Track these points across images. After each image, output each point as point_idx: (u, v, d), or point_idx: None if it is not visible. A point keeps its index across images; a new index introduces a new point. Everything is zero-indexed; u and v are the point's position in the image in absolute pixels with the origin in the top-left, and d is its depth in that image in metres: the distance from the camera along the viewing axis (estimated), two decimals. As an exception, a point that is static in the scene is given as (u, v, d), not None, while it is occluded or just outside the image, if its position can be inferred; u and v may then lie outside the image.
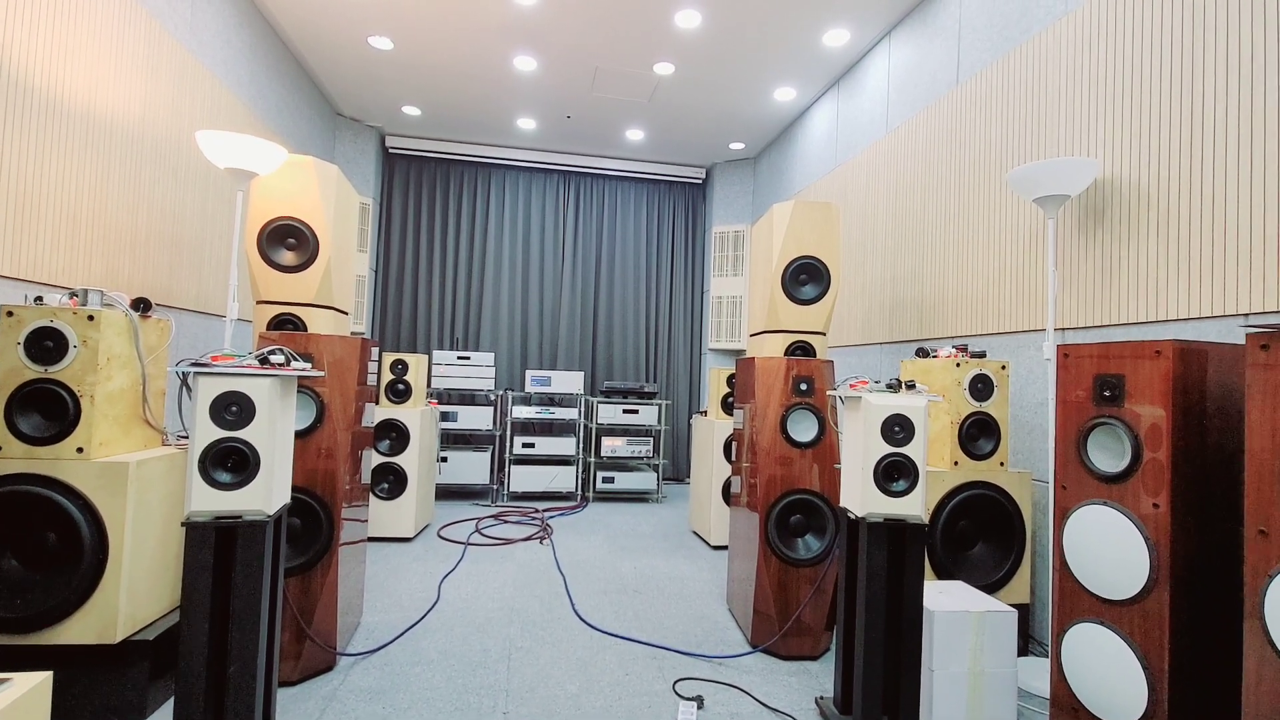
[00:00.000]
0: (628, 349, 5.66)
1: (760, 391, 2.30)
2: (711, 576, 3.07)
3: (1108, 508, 1.52)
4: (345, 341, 2.05)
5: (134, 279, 2.47)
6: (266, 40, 3.57)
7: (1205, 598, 1.45)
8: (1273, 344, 1.19)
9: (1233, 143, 1.76)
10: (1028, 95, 2.48)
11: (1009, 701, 1.80)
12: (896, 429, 1.63)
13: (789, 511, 2.25)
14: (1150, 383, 1.46)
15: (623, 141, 5.21)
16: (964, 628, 1.79)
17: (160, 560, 1.79)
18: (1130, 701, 1.45)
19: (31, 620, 1.57)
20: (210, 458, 1.35)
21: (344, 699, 1.82)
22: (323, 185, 2.08)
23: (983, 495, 2.20)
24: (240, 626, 1.37)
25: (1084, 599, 1.56)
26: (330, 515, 1.96)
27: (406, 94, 4.46)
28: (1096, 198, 2.16)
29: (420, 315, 5.35)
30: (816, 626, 2.20)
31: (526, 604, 2.61)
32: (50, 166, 2.04)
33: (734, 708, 1.85)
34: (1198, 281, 1.83)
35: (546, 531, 3.81)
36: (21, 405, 1.61)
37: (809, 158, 4.44)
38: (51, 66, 2.03)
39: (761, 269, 2.53)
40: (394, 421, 3.50)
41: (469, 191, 5.48)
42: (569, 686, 1.94)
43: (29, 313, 1.62)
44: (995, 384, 2.26)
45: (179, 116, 2.75)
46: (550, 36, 3.62)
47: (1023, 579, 2.23)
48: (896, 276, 3.33)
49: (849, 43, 3.59)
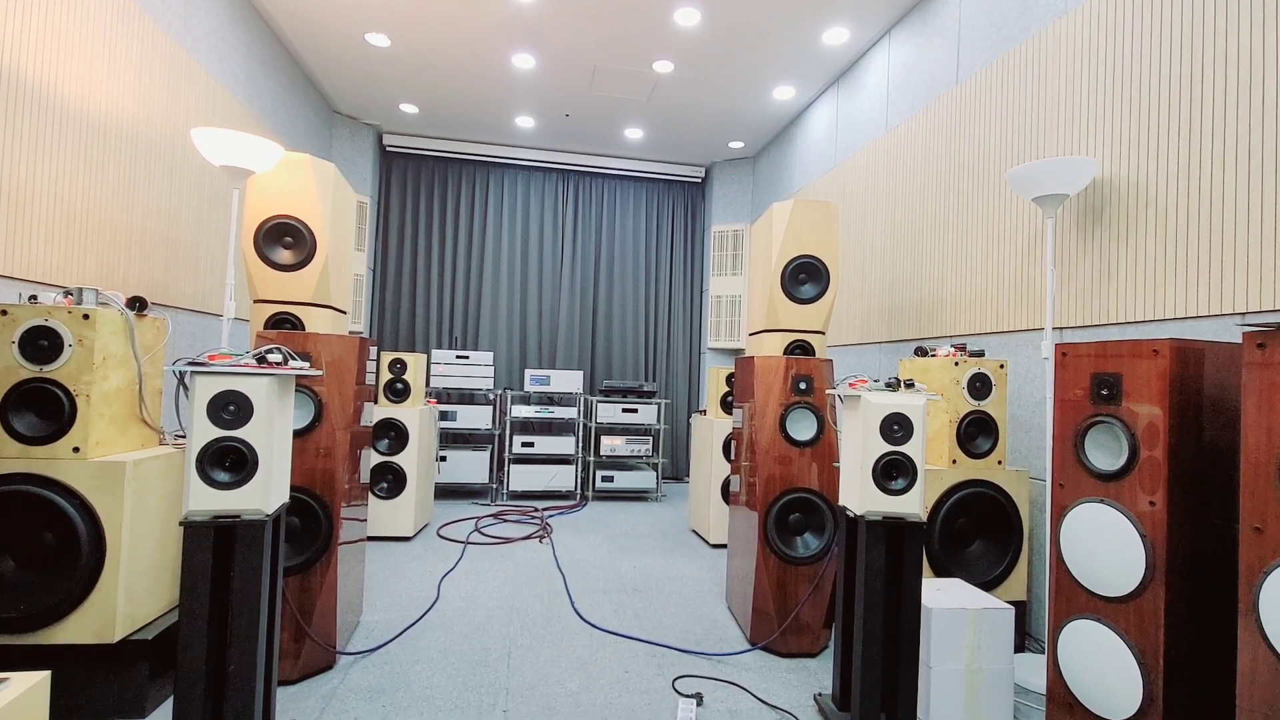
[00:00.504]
0: (627, 348, 5.66)
1: (759, 390, 2.30)
2: (711, 575, 3.08)
3: (1104, 505, 1.53)
4: (343, 340, 2.05)
5: (129, 278, 2.46)
6: (262, 37, 3.56)
7: (1201, 594, 1.46)
8: (1269, 342, 1.19)
9: (1230, 143, 1.76)
10: (1027, 94, 2.48)
11: (1006, 698, 1.81)
12: (895, 428, 1.63)
13: (788, 510, 2.26)
14: (1147, 381, 1.47)
15: (622, 140, 5.20)
16: (961, 625, 1.80)
17: (158, 559, 1.79)
18: (1125, 697, 1.46)
19: (30, 620, 1.57)
20: (208, 457, 1.34)
21: (344, 698, 1.82)
22: (320, 183, 2.07)
23: (981, 493, 2.21)
24: (239, 626, 1.37)
25: (1080, 596, 1.57)
26: (329, 514, 1.96)
27: (404, 91, 4.44)
28: (1095, 197, 2.17)
29: (419, 314, 5.33)
30: (815, 624, 2.21)
31: (526, 603, 2.61)
32: (44, 164, 2.03)
33: (733, 705, 1.85)
34: (1195, 281, 1.84)
35: (546, 530, 3.81)
36: (17, 405, 1.60)
37: (808, 157, 4.44)
38: (45, 63, 2.02)
39: (761, 268, 2.53)
40: (393, 421, 3.50)
41: (467, 190, 5.47)
42: (569, 684, 1.94)
43: (23, 311, 1.61)
44: (993, 383, 2.27)
45: (174, 114, 2.73)
46: (549, 34, 3.61)
47: (1020, 576, 2.24)
48: (895, 275, 3.34)
49: (848, 41, 3.59)
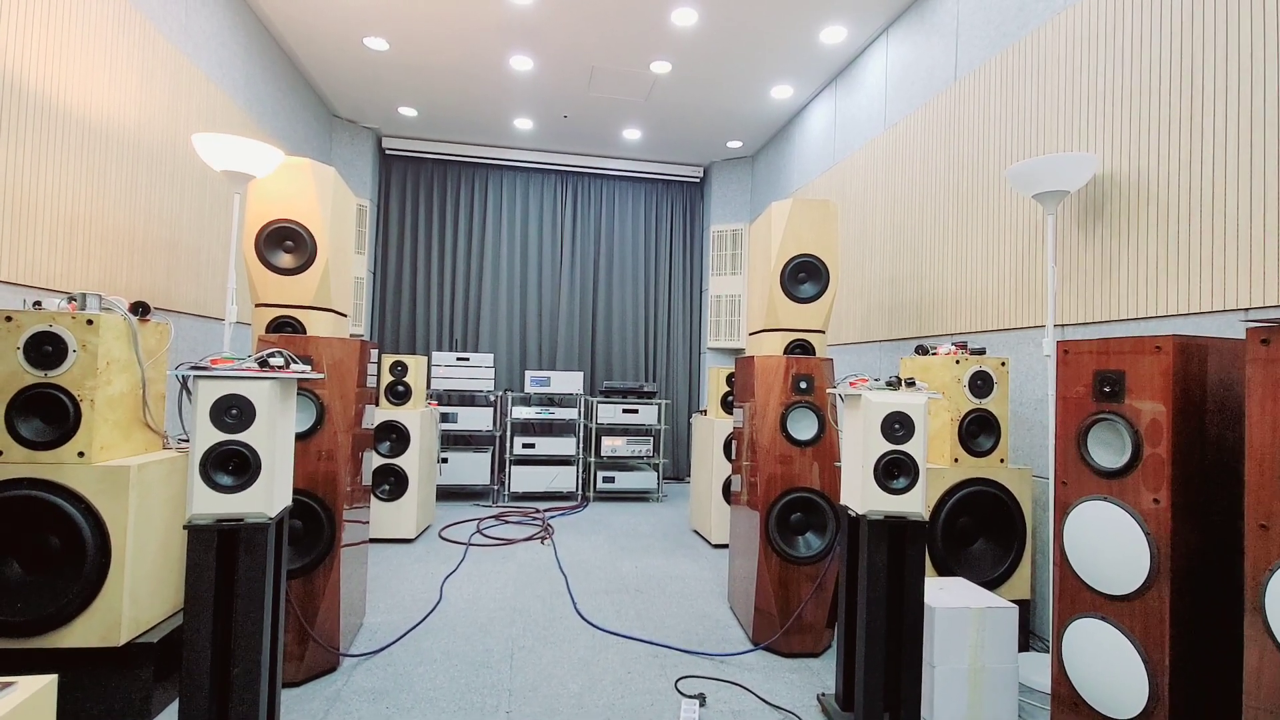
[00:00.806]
0: (627, 349, 5.66)
1: (760, 390, 2.30)
2: (712, 575, 3.07)
3: (1108, 503, 1.52)
4: (344, 343, 2.05)
5: (132, 283, 2.47)
6: (261, 42, 3.57)
7: (1206, 592, 1.46)
8: (1273, 338, 1.19)
9: (1232, 137, 1.76)
10: (1026, 91, 2.48)
11: (1010, 697, 1.81)
12: (896, 427, 1.63)
13: (789, 510, 2.26)
14: (1150, 378, 1.46)
15: (620, 141, 5.20)
16: (965, 624, 1.79)
17: (163, 563, 1.80)
18: (1131, 696, 1.45)
19: (35, 624, 1.57)
20: (211, 461, 1.35)
21: (348, 699, 1.82)
22: (320, 187, 2.08)
23: (983, 492, 2.21)
24: (243, 628, 1.37)
25: (1084, 594, 1.56)
26: (332, 517, 1.96)
27: (403, 95, 4.45)
28: (1096, 193, 2.16)
29: (419, 317, 5.34)
30: (818, 624, 2.21)
31: (528, 604, 2.61)
32: (46, 171, 2.04)
33: (736, 705, 1.85)
34: (1198, 276, 1.83)
35: (547, 531, 3.81)
36: (22, 410, 1.61)
37: (807, 156, 4.44)
38: (46, 70, 2.02)
39: (760, 267, 2.53)
40: (394, 423, 3.50)
41: (466, 192, 5.47)
42: (572, 685, 1.94)
43: (28, 317, 1.62)
44: (995, 380, 2.26)
45: (174, 120, 2.74)
46: (546, 36, 3.61)
47: (1023, 575, 2.24)
48: (895, 274, 3.33)
49: (846, 39, 3.59)
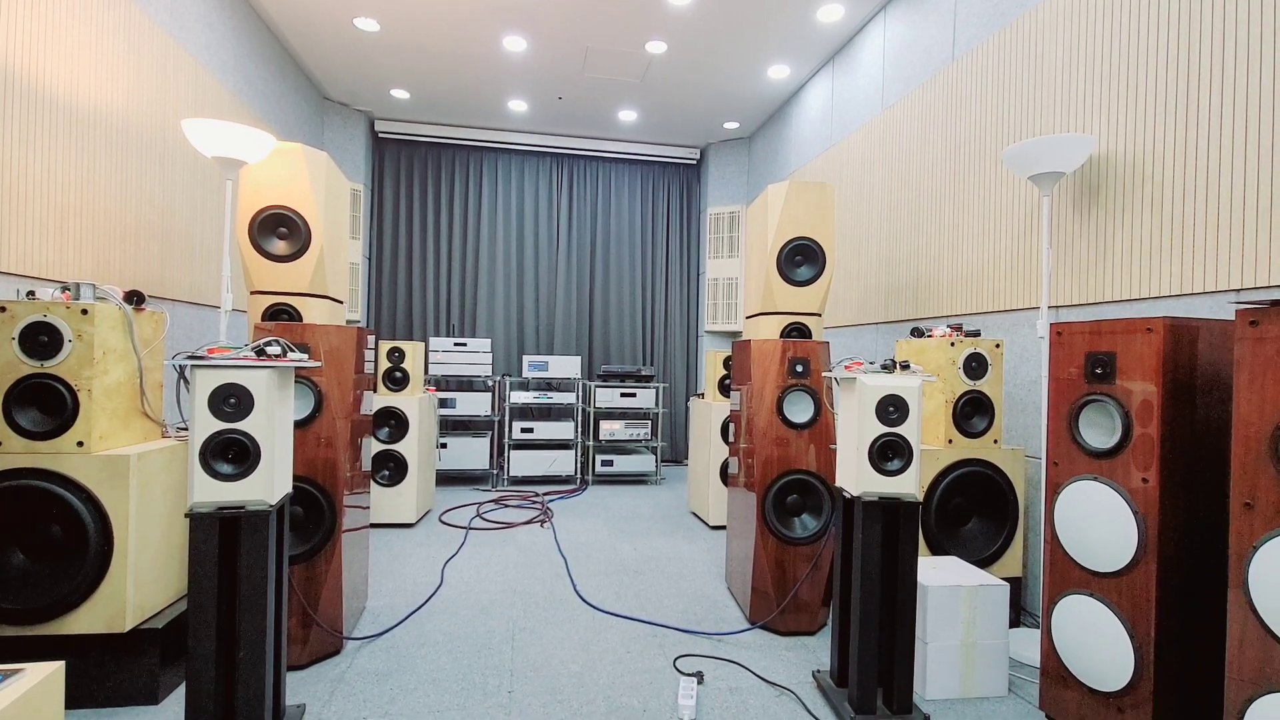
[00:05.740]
0: (624, 332, 5.66)
1: (757, 373, 2.31)
2: (710, 556, 3.12)
3: (1098, 483, 1.55)
4: (341, 330, 2.05)
5: (125, 271, 2.46)
6: (249, 23, 3.50)
7: (1192, 569, 1.49)
8: (1262, 319, 1.20)
9: (1227, 120, 1.75)
10: (1023, 71, 2.45)
11: (1000, 671, 1.85)
12: (891, 409, 1.65)
13: (786, 491, 2.28)
14: (1141, 359, 1.48)
15: (615, 122, 5.14)
16: (957, 602, 1.83)
17: (166, 550, 1.81)
18: (1117, 670, 1.49)
19: (41, 611, 1.60)
20: (211, 450, 1.36)
21: (352, 681, 1.86)
22: (312, 172, 2.06)
23: (976, 472, 2.23)
24: (247, 614, 1.39)
25: (1074, 572, 1.60)
26: (332, 503, 1.98)
27: (395, 77, 4.38)
28: (1091, 175, 2.16)
29: (415, 302, 5.32)
30: (813, 603, 2.25)
31: (529, 586, 2.65)
32: (35, 158, 2.01)
33: (733, 682, 1.89)
34: (1190, 258, 1.84)
35: (547, 515, 3.85)
36: (19, 400, 1.61)
37: (804, 137, 4.40)
38: (30, 54, 1.99)
39: (757, 250, 2.52)
40: (393, 409, 3.51)
41: (461, 175, 5.42)
42: (572, 665, 1.98)
43: (22, 308, 1.61)
44: (989, 362, 2.28)
45: (164, 104, 2.70)
46: (539, 15, 3.55)
47: (1015, 553, 2.28)
48: (891, 256, 3.33)
49: (843, 18, 3.54)
